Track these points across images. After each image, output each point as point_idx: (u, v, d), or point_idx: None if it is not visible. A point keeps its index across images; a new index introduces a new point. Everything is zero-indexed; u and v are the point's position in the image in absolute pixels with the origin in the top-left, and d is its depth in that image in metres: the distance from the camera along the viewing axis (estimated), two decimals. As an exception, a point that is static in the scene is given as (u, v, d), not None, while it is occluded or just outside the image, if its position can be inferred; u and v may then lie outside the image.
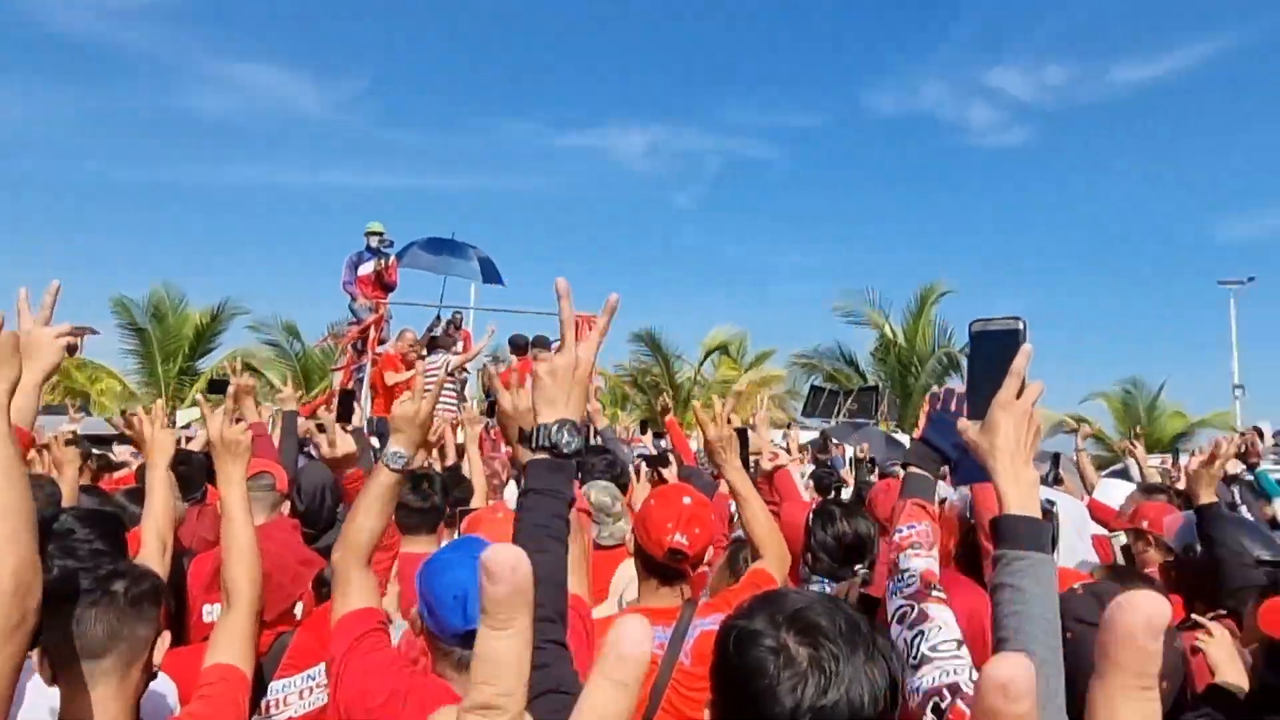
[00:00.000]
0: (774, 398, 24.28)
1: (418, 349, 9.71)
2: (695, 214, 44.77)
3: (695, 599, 2.53)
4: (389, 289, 10.97)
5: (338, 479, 3.16)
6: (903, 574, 1.59)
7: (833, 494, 5.50)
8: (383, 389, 9.24)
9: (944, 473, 1.75)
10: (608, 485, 4.06)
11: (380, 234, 10.78)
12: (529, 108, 47.98)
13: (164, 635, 1.65)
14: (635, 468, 4.18)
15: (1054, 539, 3.17)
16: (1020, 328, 1.34)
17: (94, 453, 5.25)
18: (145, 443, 2.56)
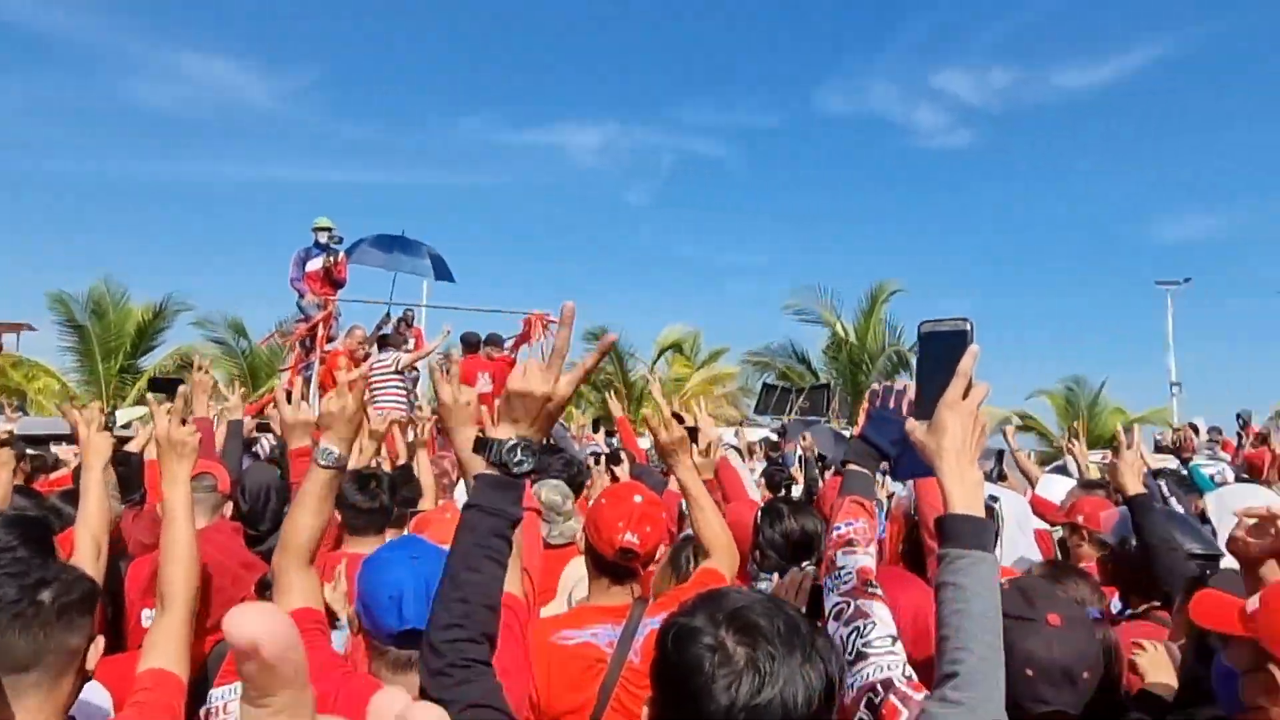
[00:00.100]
0: (727, 395, 24.46)
1: (367, 346, 9.58)
2: (649, 211, 44.91)
3: (645, 597, 2.53)
4: (338, 285, 10.77)
5: (286, 459, 3.04)
6: (839, 571, 1.60)
7: (783, 491, 5.55)
8: (332, 387, 9.07)
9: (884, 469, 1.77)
10: (558, 484, 4.05)
11: (329, 229, 10.58)
12: (482, 103, 47.64)
13: (98, 642, 1.60)
14: (595, 459, 4.19)
15: (997, 534, 3.25)
16: (968, 329, 1.37)
17: (29, 453, 5.09)
18: (81, 444, 2.50)
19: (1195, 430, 12.00)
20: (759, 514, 3.08)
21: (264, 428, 6.97)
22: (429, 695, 1.19)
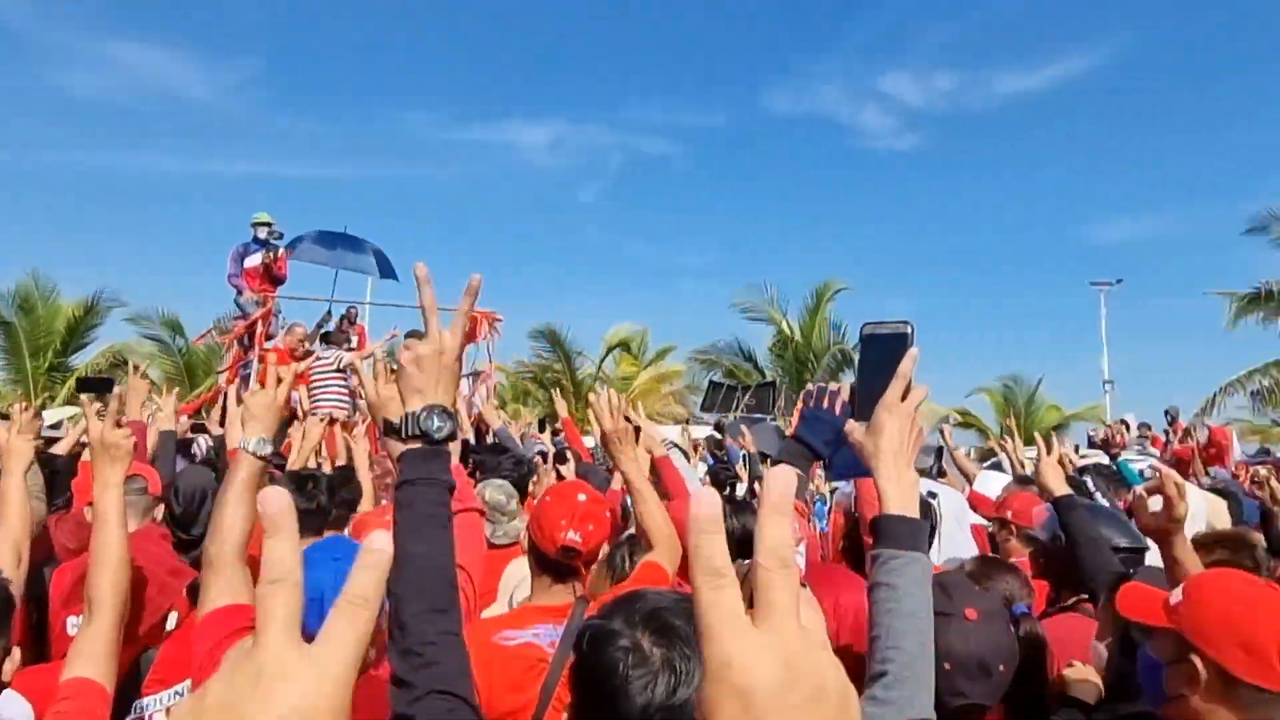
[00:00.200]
0: (674, 393, 24.54)
1: (308, 344, 9.41)
2: (599, 209, 44.87)
3: (588, 596, 2.53)
4: (278, 282, 10.52)
5: (222, 461, 2.98)
6: None
7: (727, 490, 5.58)
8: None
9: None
10: (503, 484, 4.03)
11: (269, 225, 10.32)
12: (429, 98, 47.20)
13: (14, 652, 1.55)
14: (542, 456, 4.17)
15: (935, 530, 3.30)
16: (908, 332, 1.38)
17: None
18: (1, 447, 2.43)
19: (1126, 426, 12.41)
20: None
21: (199, 428, 6.80)
22: (398, 677, 1.17)
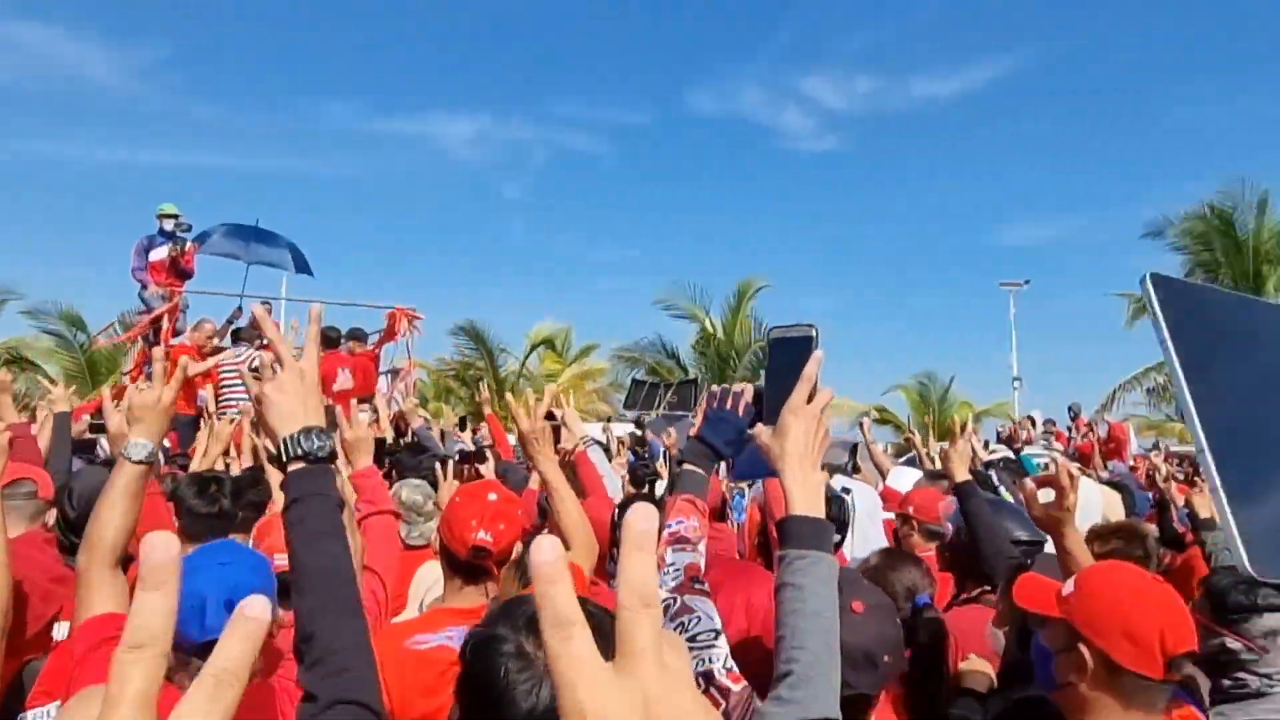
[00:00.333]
0: (597, 391, 24.54)
1: (217, 340, 9.10)
2: (523, 205, 44.54)
3: (500, 598, 2.51)
4: (185, 276, 10.13)
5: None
6: (669, 568, 1.63)
7: (647, 487, 5.59)
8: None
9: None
10: (420, 484, 3.97)
11: (175, 216, 9.92)
12: (348, 89, 46.12)
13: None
14: (442, 463, 4.10)
15: (847, 525, 3.37)
16: (813, 335, 1.41)
17: None
18: None
19: (1033, 422, 12.93)
20: (616, 511, 3.11)
21: (99, 429, 6.51)
22: (308, 690, 1.16)
